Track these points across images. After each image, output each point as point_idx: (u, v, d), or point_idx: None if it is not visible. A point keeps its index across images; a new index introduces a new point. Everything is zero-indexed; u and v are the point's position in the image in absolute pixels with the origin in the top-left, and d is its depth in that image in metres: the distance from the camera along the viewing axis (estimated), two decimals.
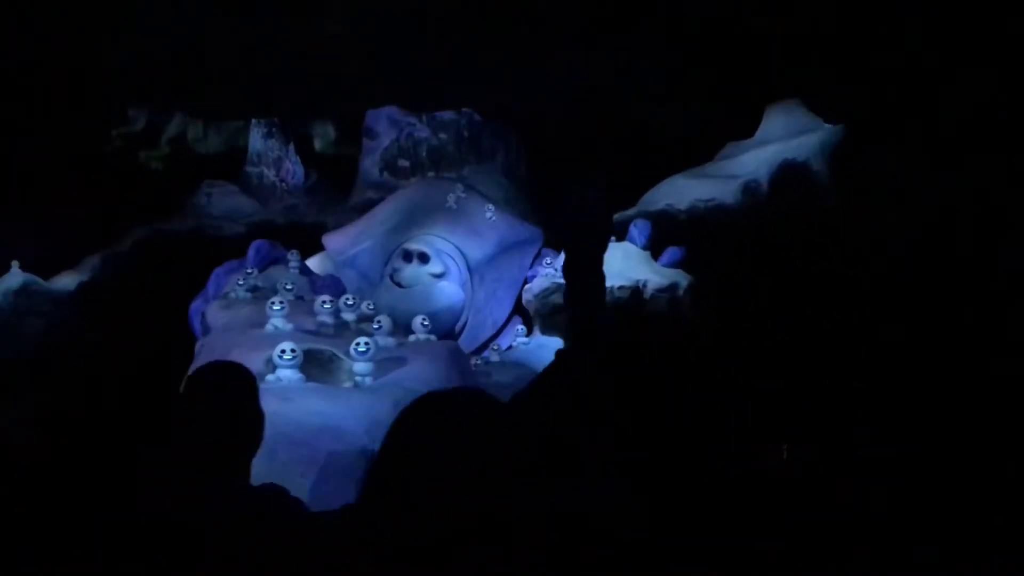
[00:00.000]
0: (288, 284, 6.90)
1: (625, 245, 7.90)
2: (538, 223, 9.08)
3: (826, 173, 8.29)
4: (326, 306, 6.06)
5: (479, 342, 8.39)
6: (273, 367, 4.95)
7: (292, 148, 11.54)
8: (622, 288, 7.44)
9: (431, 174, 10.21)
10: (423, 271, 8.40)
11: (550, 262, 8.36)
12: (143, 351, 7.74)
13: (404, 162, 10.50)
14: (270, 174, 11.44)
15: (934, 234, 7.08)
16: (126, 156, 11.43)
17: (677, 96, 9.11)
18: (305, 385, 4.98)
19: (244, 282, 7.07)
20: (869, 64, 7.68)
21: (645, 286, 7.65)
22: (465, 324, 8.51)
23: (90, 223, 9.69)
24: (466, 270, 8.48)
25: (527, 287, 8.39)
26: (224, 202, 11.04)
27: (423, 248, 8.43)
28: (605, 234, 6.46)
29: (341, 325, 6.23)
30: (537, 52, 8.90)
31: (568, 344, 6.94)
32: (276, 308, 5.84)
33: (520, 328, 8.26)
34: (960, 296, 6.67)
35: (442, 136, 10.35)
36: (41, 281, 9.06)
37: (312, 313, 6.12)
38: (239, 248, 8.02)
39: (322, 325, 6.03)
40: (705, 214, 8.38)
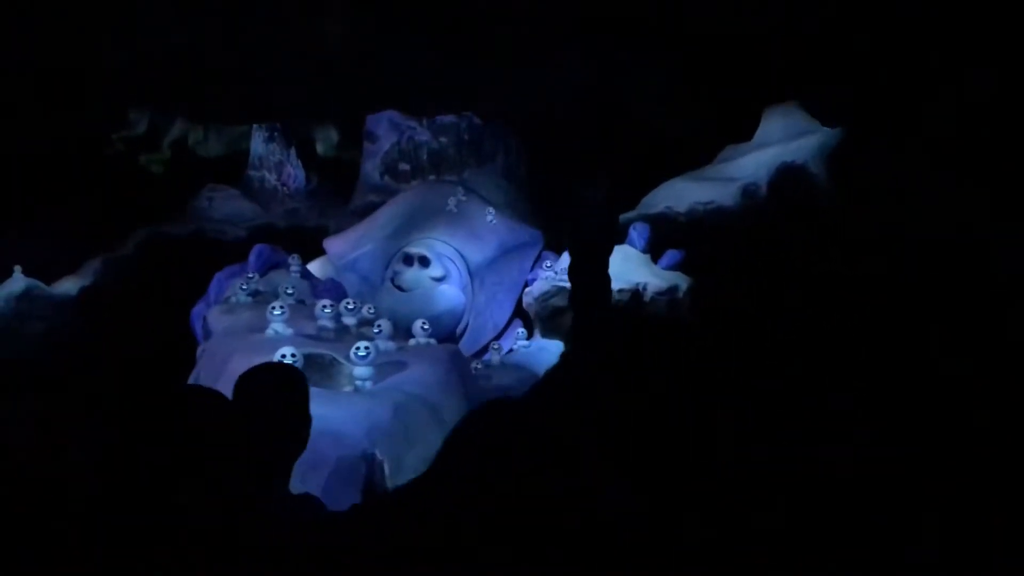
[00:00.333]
0: (289, 288, 6.93)
1: (624, 248, 7.90)
2: (538, 226, 9.09)
3: (825, 176, 8.29)
4: (327, 310, 6.08)
5: (480, 345, 8.39)
6: None
7: (293, 152, 11.57)
8: (622, 291, 7.43)
9: (432, 177, 10.23)
10: (424, 275, 8.41)
11: (550, 265, 8.37)
12: (145, 356, 7.74)
13: (405, 166, 10.53)
14: (271, 178, 11.47)
15: (934, 237, 7.08)
16: (127, 160, 11.45)
17: (676, 99, 9.12)
18: None
19: (245, 286, 7.09)
20: (867, 66, 7.69)
21: (645, 289, 7.65)
22: (466, 327, 8.52)
23: (91, 227, 9.71)
24: (467, 273, 8.49)
25: (527, 290, 8.39)
26: (225, 206, 11.06)
27: (424, 252, 8.44)
28: (610, 238, 6.46)
29: (342, 329, 6.25)
30: (536, 55, 8.91)
31: (571, 347, 6.95)
32: (277, 313, 5.87)
33: (520, 331, 8.27)
34: (960, 298, 6.66)
35: (443, 139, 10.37)
36: (43, 286, 9.07)
37: (313, 317, 6.15)
38: (240, 252, 8.04)
39: (323, 329, 6.05)
40: (704, 217, 8.39)
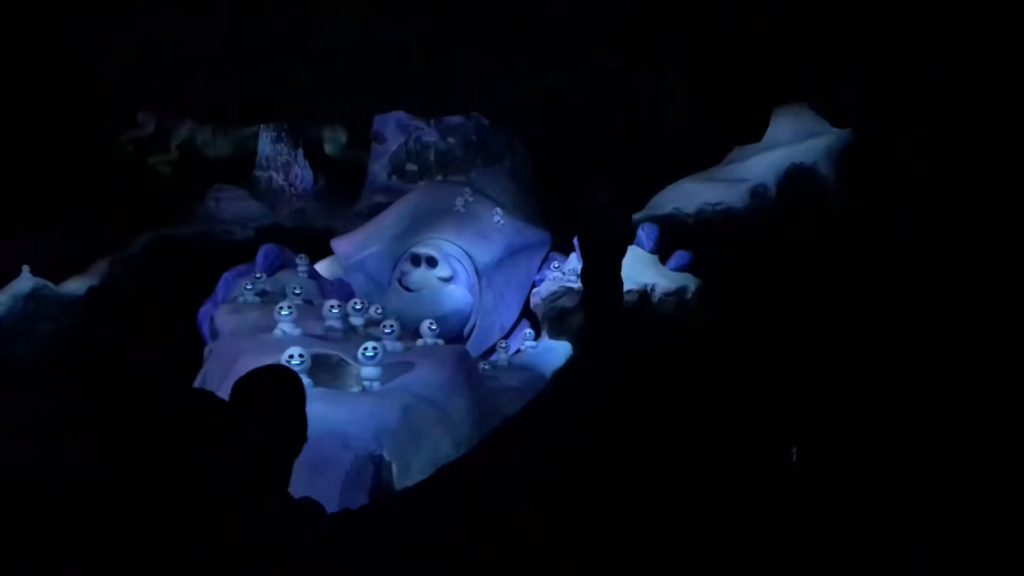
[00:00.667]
0: (297, 288, 6.94)
1: (633, 249, 7.87)
2: (546, 227, 9.06)
3: (834, 177, 8.28)
4: (334, 311, 6.08)
5: (487, 346, 8.36)
6: None
7: (301, 152, 11.57)
8: (630, 292, 7.40)
9: (439, 178, 10.21)
10: (431, 275, 8.38)
11: (558, 266, 8.35)
12: (153, 355, 7.74)
13: (412, 166, 10.51)
14: (279, 178, 11.47)
15: (942, 238, 7.05)
16: (135, 161, 11.47)
17: (685, 99, 9.09)
18: (313, 390, 4.95)
19: (252, 286, 7.09)
20: (877, 68, 7.66)
21: (653, 290, 7.64)
22: (473, 328, 8.49)
23: (99, 228, 9.71)
24: (474, 274, 8.46)
25: (535, 291, 8.38)
26: (233, 206, 11.07)
27: (431, 252, 8.42)
28: (624, 240, 6.48)
29: (349, 329, 6.25)
30: (545, 57, 8.90)
31: (582, 348, 6.95)
32: (284, 313, 5.87)
33: (528, 332, 8.24)
34: (970, 300, 6.63)
35: (450, 140, 10.35)
36: (51, 285, 9.06)
37: (320, 317, 6.15)
38: (248, 252, 8.03)
39: (330, 330, 6.05)
40: (713, 218, 8.37)
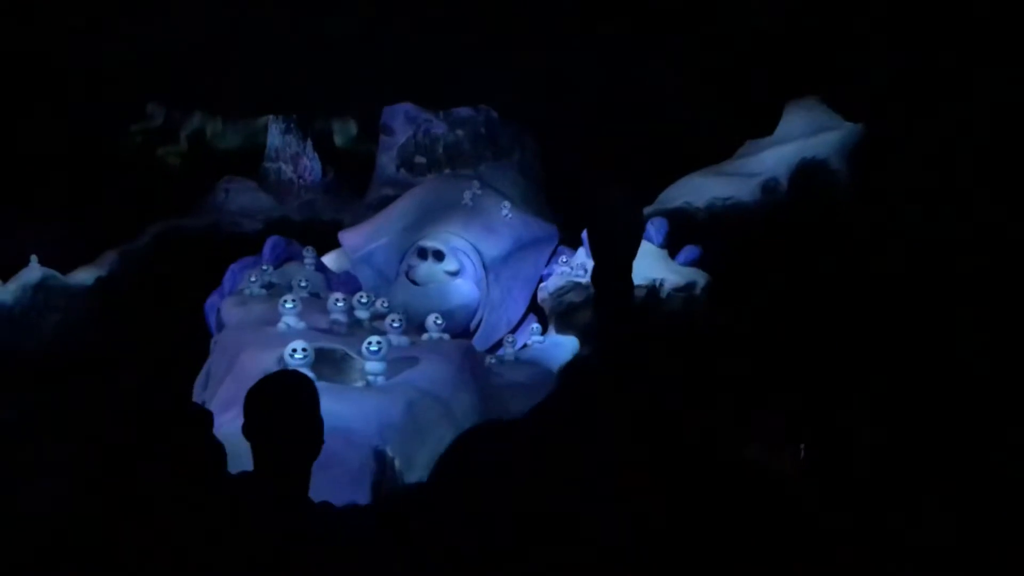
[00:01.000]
0: (303, 281, 6.90)
1: (642, 243, 7.80)
2: (554, 221, 9.00)
3: (846, 172, 8.19)
4: (339, 304, 6.04)
5: (494, 340, 8.32)
6: (284, 366, 4.91)
7: (310, 144, 11.53)
8: (638, 287, 7.35)
9: (447, 171, 10.16)
10: (438, 268, 8.34)
11: (566, 260, 8.30)
12: (160, 347, 7.74)
13: (421, 159, 10.45)
14: (288, 170, 11.44)
15: (955, 234, 6.98)
16: (145, 152, 11.46)
17: (696, 93, 9.02)
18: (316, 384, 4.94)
19: (258, 279, 7.06)
20: (890, 61, 7.58)
21: (662, 285, 7.59)
22: (480, 322, 8.45)
23: (108, 218, 9.71)
24: (481, 268, 8.42)
25: (542, 285, 8.33)
26: (241, 198, 11.04)
27: (438, 245, 8.38)
28: (635, 241, 6.42)
29: (354, 323, 6.21)
30: (554, 49, 8.85)
31: (590, 347, 6.92)
32: (288, 306, 5.83)
33: (535, 326, 8.20)
34: (982, 296, 6.57)
35: (459, 133, 10.29)
36: (59, 276, 9.07)
37: (325, 311, 6.11)
38: (256, 244, 8.01)
39: (335, 323, 6.01)
40: (723, 212, 8.29)
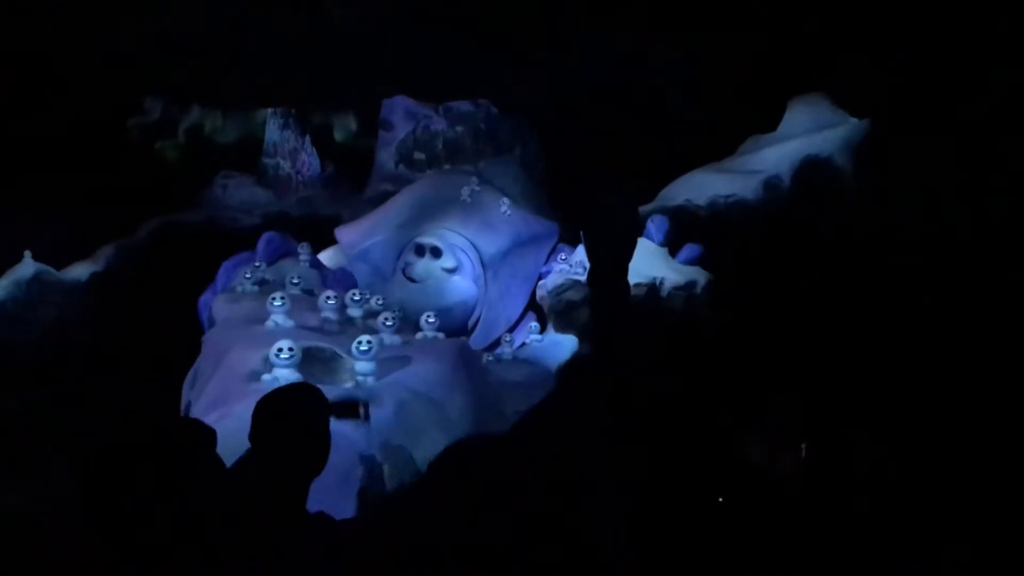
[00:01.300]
0: (295, 278, 6.81)
1: (642, 241, 7.70)
2: (554, 218, 8.90)
3: (850, 169, 8.12)
4: (330, 301, 5.93)
5: (492, 339, 8.21)
6: (270, 366, 4.82)
7: (308, 139, 11.47)
8: (638, 285, 7.28)
9: (447, 167, 10.06)
10: (435, 265, 8.23)
11: (565, 258, 8.21)
12: (155, 343, 7.68)
13: (420, 154, 10.36)
14: (286, 165, 11.37)
15: (960, 231, 6.91)
16: (142, 146, 11.40)
17: (698, 88, 8.93)
18: None
19: (251, 275, 6.97)
20: (895, 57, 7.50)
21: (662, 283, 7.53)
22: (478, 320, 8.36)
23: (104, 213, 9.64)
24: (479, 265, 8.31)
25: (541, 283, 8.24)
26: (239, 193, 10.99)
27: (435, 242, 8.26)
28: (632, 240, 6.40)
29: (346, 321, 6.10)
30: (556, 44, 8.76)
31: (588, 346, 6.88)
32: (277, 304, 5.71)
33: (533, 325, 8.10)
34: (987, 294, 6.51)
35: (458, 128, 10.18)
36: (53, 271, 8.98)
37: (316, 309, 6.00)
38: (254, 240, 7.92)
39: (326, 321, 5.90)
40: (725, 210, 8.23)
